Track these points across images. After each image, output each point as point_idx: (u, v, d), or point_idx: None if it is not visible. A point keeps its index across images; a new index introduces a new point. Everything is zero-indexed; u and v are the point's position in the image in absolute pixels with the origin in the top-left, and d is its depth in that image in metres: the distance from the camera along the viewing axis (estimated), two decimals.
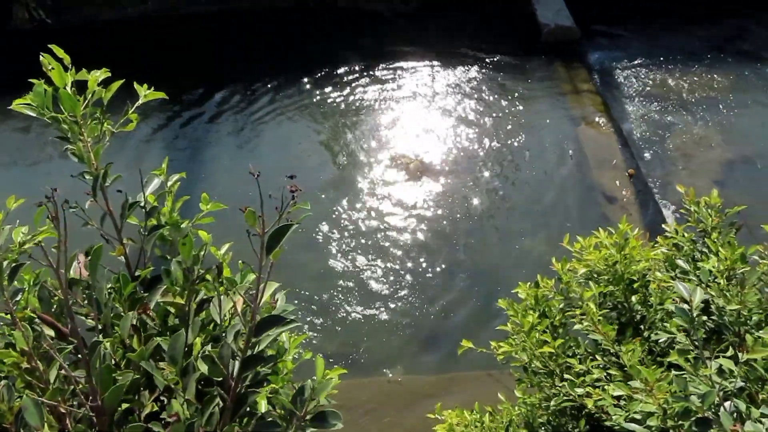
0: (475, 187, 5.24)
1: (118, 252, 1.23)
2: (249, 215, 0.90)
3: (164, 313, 1.16)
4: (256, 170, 0.92)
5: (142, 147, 5.83)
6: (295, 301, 4.42)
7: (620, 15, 7.19)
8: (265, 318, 0.98)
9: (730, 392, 1.48)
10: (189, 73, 6.70)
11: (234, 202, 1.32)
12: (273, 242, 0.94)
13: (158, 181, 1.32)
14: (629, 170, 5.29)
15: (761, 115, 5.75)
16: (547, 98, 6.19)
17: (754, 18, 7.01)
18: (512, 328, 2.27)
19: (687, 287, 1.32)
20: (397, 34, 7.06)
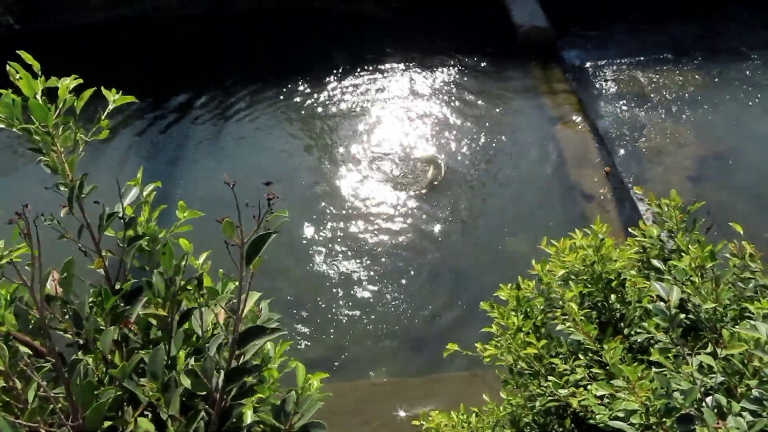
0: (455, 189, 5.26)
1: (97, 264, 1.20)
2: (226, 226, 0.89)
3: (146, 325, 1.14)
4: (232, 179, 0.91)
5: (122, 153, 5.74)
6: (276, 305, 4.38)
7: (595, 15, 7.30)
8: (248, 329, 0.97)
9: (711, 388, 1.51)
10: (165, 77, 6.62)
11: (219, 206, 1.30)
12: (252, 252, 0.93)
13: (136, 191, 1.30)
14: (606, 168, 5.37)
15: (732, 111, 5.89)
16: (524, 98, 6.25)
17: (726, 16, 7.17)
18: (497, 330, 2.28)
19: (664, 287, 1.34)
20: (374, 36, 7.07)
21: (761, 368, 1.24)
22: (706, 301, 1.91)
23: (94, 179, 1.34)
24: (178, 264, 1.11)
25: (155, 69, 6.73)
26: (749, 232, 5.04)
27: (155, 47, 6.99)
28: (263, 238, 0.94)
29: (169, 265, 1.09)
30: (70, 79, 1.23)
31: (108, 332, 1.01)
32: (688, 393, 1.18)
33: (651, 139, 5.67)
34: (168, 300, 1.09)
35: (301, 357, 4.19)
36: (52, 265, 1.30)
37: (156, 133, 5.99)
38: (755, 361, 1.30)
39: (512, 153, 5.57)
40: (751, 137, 5.59)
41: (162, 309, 1.09)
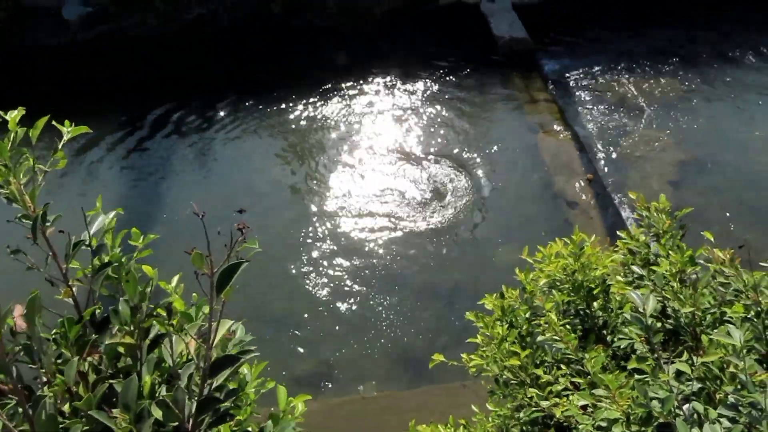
0: (440, 200, 5.28)
1: (65, 294, 1.18)
2: (195, 258, 0.88)
3: (115, 354, 1.12)
4: (201, 210, 0.90)
5: (103, 173, 5.70)
6: (266, 321, 4.35)
7: (573, 25, 7.42)
8: (218, 359, 0.95)
9: (693, 393, 1.52)
10: (139, 93, 6.60)
11: (195, 225, 1.29)
12: (223, 281, 0.92)
13: (102, 218, 1.28)
14: (588, 175, 5.42)
15: (709, 117, 5.98)
16: (506, 108, 6.31)
17: (702, 24, 7.32)
18: (482, 340, 2.28)
19: (640, 295, 1.35)
20: (355, 51, 7.11)
21: (737, 374, 1.25)
22: (684, 305, 1.92)
23: (77, 201, 1.32)
24: (143, 290, 1.09)
25: (137, 86, 6.71)
26: (730, 234, 5.11)
27: (136, 65, 6.98)
28: (234, 268, 0.93)
29: (134, 292, 1.07)
30: (17, 111, 1.21)
31: (72, 363, 0.99)
32: (665, 401, 1.18)
33: (632, 146, 5.73)
34: (135, 327, 1.07)
35: (290, 373, 4.16)
36: (23, 297, 1.28)
37: (137, 150, 5.95)
38: (731, 367, 1.30)
39: (495, 163, 5.61)
40: (728, 142, 5.68)
41: (130, 337, 1.07)
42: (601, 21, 7.44)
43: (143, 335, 1.11)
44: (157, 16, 6.90)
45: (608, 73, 6.71)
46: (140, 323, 1.08)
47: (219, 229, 0.87)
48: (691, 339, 2.00)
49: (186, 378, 0.97)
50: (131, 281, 1.10)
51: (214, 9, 7.06)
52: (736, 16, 7.36)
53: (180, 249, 1.64)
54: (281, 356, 4.17)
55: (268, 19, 7.26)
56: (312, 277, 4.68)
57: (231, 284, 0.92)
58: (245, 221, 0.88)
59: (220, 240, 1.04)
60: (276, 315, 4.43)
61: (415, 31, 7.33)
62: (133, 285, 1.09)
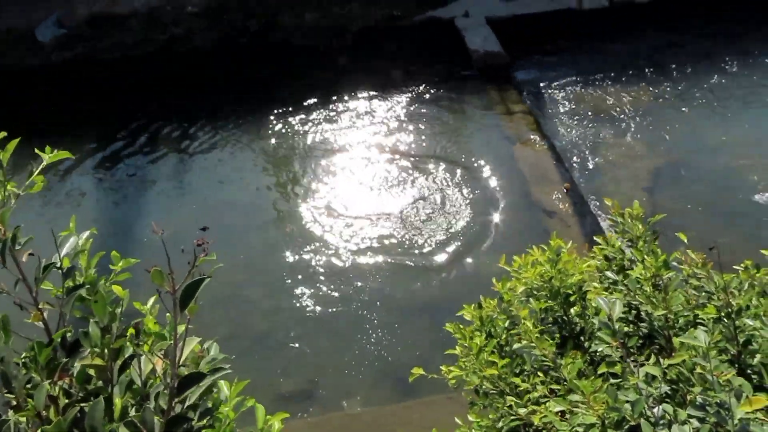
0: (419, 213, 5.31)
1: (35, 318, 1.17)
2: (155, 275, 0.89)
3: (86, 377, 1.11)
4: (160, 228, 0.91)
5: (83, 192, 5.64)
6: (246, 339, 4.31)
7: (545, 38, 7.58)
8: (186, 376, 0.96)
9: (668, 396, 1.55)
10: (112, 114, 6.58)
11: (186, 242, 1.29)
12: (186, 298, 0.92)
13: (74, 239, 1.28)
14: (565, 184, 5.50)
15: (680, 124, 6.13)
16: (482, 121, 6.40)
17: (672, 36, 7.54)
18: (461, 352, 2.29)
19: (606, 301, 1.38)
20: (332, 68, 7.18)
21: (705, 375, 1.28)
22: (656, 308, 1.96)
23: (52, 221, 1.31)
24: (112, 311, 1.09)
25: (111, 107, 6.68)
26: (703, 238, 5.22)
27: (111, 85, 6.95)
28: (197, 284, 0.93)
29: (103, 313, 1.07)
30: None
31: (42, 387, 0.98)
32: (635, 404, 1.21)
33: (607, 154, 5.84)
34: (105, 349, 1.07)
35: (273, 391, 4.12)
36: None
37: (113, 170, 5.91)
38: (698, 368, 1.34)
39: (473, 175, 5.67)
40: (700, 148, 5.82)
41: (100, 359, 1.07)
42: (572, 34, 7.62)
43: (114, 357, 1.10)
44: (132, 37, 6.89)
45: (582, 83, 6.86)
46: (110, 344, 1.08)
47: (182, 247, 0.88)
48: (665, 342, 2.04)
49: (153, 398, 0.96)
50: (100, 302, 1.09)
51: (190, 28, 7.08)
52: (701, 28, 7.60)
53: None
54: (265, 373, 4.13)
55: (246, 37, 7.29)
56: (296, 293, 4.66)
57: (194, 301, 0.93)
58: (205, 237, 0.89)
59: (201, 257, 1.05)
60: (259, 331, 4.40)
61: (391, 47, 7.42)
62: (102, 306, 1.09)
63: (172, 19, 7.11)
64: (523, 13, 7.67)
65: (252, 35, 7.13)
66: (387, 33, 7.52)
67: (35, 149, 1.40)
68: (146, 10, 7.24)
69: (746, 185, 5.34)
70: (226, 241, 5.06)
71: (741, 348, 1.87)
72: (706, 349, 1.26)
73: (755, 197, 5.23)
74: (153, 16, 7.15)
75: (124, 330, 1.10)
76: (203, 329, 4.39)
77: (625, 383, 1.53)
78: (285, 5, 7.41)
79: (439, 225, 5.19)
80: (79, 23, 7.11)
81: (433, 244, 5.01)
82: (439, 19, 7.62)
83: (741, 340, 1.88)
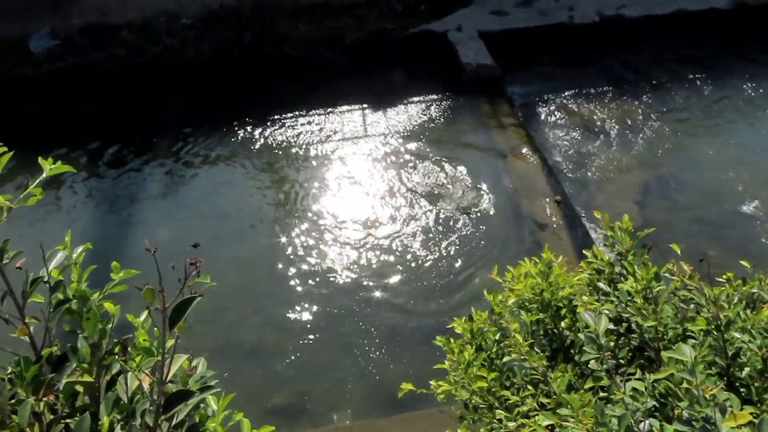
0: (411, 226, 5.32)
1: (20, 332, 1.16)
2: (146, 293, 0.89)
3: (72, 392, 1.10)
4: (153, 246, 0.91)
5: (74, 205, 5.61)
6: (235, 353, 4.28)
7: (537, 51, 7.66)
8: (173, 393, 0.95)
9: (656, 409, 1.55)
10: (107, 125, 6.57)
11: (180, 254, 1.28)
12: (176, 316, 0.92)
13: (62, 254, 1.27)
14: (556, 197, 5.53)
15: (669, 137, 6.20)
16: (475, 134, 6.44)
17: (662, 51, 7.65)
18: (450, 366, 2.29)
19: (592, 315, 1.39)
20: (326, 79, 7.21)
21: (691, 389, 1.29)
22: (646, 320, 1.97)
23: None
24: (103, 327, 1.08)
25: (109, 116, 6.68)
26: (693, 250, 5.25)
27: (103, 97, 6.95)
28: (187, 302, 0.93)
29: (93, 329, 1.06)
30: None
31: (26, 404, 0.97)
32: (621, 419, 1.21)
33: (597, 167, 5.89)
34: (94, 365, 1.06)
35: (262, 405, 4.08)
36: None
37: (105, 182, 5.88)
38: (684, 383, 1.35)
39: (465, 188, 5.69)
40: (688, 161, 5.89)
41: (89, 375, 1.06)
42: (563, 49, 7.71)
43: (103, 373, 1.09)
44: (125, 48, 6.90)
45: (573, 97, 6.93)
46: (100, 360, 1.07)
47: (173, 264, 0.88)
48: (655, 354, 2.05)
49: (139, 415, 0.96)
50: (92, 318, 1.09)
51: (184, 39, 7.10)
52: (682, 39, 7.72)
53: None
54: (254, 387, 4.10)
55: (240, 48, 7.31)
56: (286, 306, 4.64)
57: (185, 319, 0.93)
58: (197, 256, 0.89)
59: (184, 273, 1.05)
60: (249, 345, 4.37)
61: (384, 59, 7.47)
62: (93, 322, 1.08)
63: (165, 30, 7.13)
64: (515, 27, 7.75)
65: (246, 47, 7.16)
66: (380, 46, 7.57)
67: (27, 161, 1.39)
68: (140, 21, 7.26)
69: (733, 197, 5.40)
70: (217, 253, 5.04)
71: (730, 361, 1.89)
72: (692, 364, 1.27)
73: (742, 208, 5.29)
74: (147, 27, 7.17)
75: (113, 345, 1.10)
76: (193, 341, 4.36)
77: (613, 397, 1.53)
78: (279, 17, 7.45)
79: (431, 237, 5.19)
80: (72, 34, 7.11)
81: (424, 257, 5.02)
82: (433, 32, 7.69)
83: (730, 353, 1.89)
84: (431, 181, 5.78)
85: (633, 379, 1.36)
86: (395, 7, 7.78)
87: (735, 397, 1.47)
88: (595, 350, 1.35)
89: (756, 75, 7.13)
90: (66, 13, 7.10)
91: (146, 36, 7.04)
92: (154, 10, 7.31)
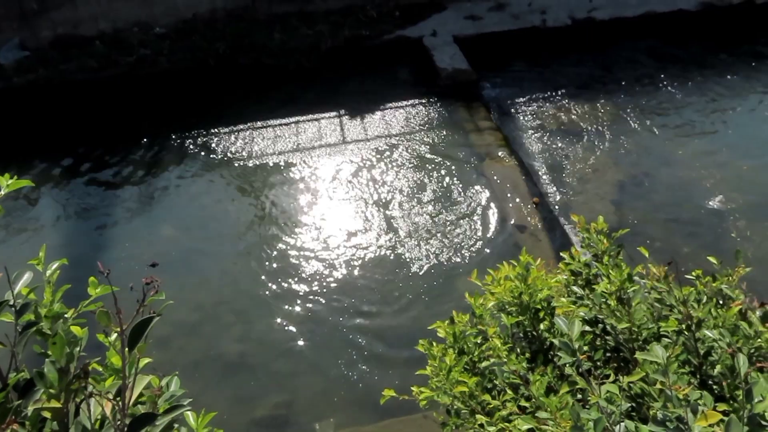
0: (389, 233, 5.32)
1: None
2: (101, 316, 0.87)
3: (39, 419, 1.08)
4: (106, 268, 0.90)
5: (47, 221, 5.49)
6: (218, 366, 4.23)
7: (512, 55, 7.75)
8: (136, 418, 0.93)
9: (623, 413, 1.57)
10: (78, 138, 6.47)
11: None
12: (135, 337, 0.90)
13: (29, 275, 1.24)
14: (534, 199, 5.59)
15: (642, 138, 6.32)
16: (452, 137, 6.48)
17: (632, 53, 7.80)
18: (431, 371, 2.29)
19: (565, 321, 1.40)
20: (303, 87, 7.20)
21: (664, 390, 1.31)
22: (620, 322, 2.00)
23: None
24: (71, 351, 1.06)
25: (81, 129, 6.57)
26: (668, 249, 5.33)
27: (75, 109, 6.84)
28: (146, 323, 0.92)
29: (60, 353, 1.04)
30: None
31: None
32: (597, 422, 1.22)
33: (573, 168, 5.97)
34: (62, 390, 1.04)
35: (247, 417, 4.04)
36: None
37: (77, 197, 5.78)
38: (658, 384, 1.37)
39: (444, 192, 5.72)
40: (661, 160, 6.00)
41: (56, 401, 1.04)
42: (536, 52, 7.82)
43: (71, 398, 1.07)
44: (97, 60, 6.80)
45: (547, 99, 7.02)
46: (68, 385, 1.05)
47: (131, 284, 0.87)
48: (630, 355, 2.08)
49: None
50: (58, 342, 1.06)
51: (158, 50, 7.02)
52: (662, 43, 7.88)
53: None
54: (238, 400, 4.06)
55: (215, 58, 7.26)
56: (267, 318, 4.61)
57: (145, 338, 0.91)
58: (154, 276, 0.88)
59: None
60: (231, 358, 4.32)
61: (360, 66, 7.49)
62: (60, 346, 1.06)
63: (138, 40, 7.05)
64: (490, 31, 7.84)
65: (221, 57, 7.11)
66: (356, 52, 7.59)
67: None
68: (112, 31, 7.17)
69: (704, 195, 5.52)
70: (197, 265, 4.99)
71: (702, 359, 1.92)
72: (664, 365, 1.29)
73: (713, 205, 5.42)
74: (119, 38, 7.08)
75: (82, 369, 1.07)
76: (175, 355, 4.30)
77: (590, 399, 1.55)
78: (254, 26, 7.42)
79: (411, 242, 5.20)
80: (43, 46, 6.99)
81: (404, 261, 5.02)
82: (408, 38, 7.73)
83: (702, 352, 1.93)
84: (409, 186, 5.79)
85: (607, 383, 1.37)
86: (370, 14, 7.80)
87: (708, 395, 1.50)
88: (569, 355, 1.37)
89: (723, 74, 7.31)
90: (35, 25, 6.98)
91: (119, 47, 6.95)
92: (126, 21, 7.23)
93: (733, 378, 1.59)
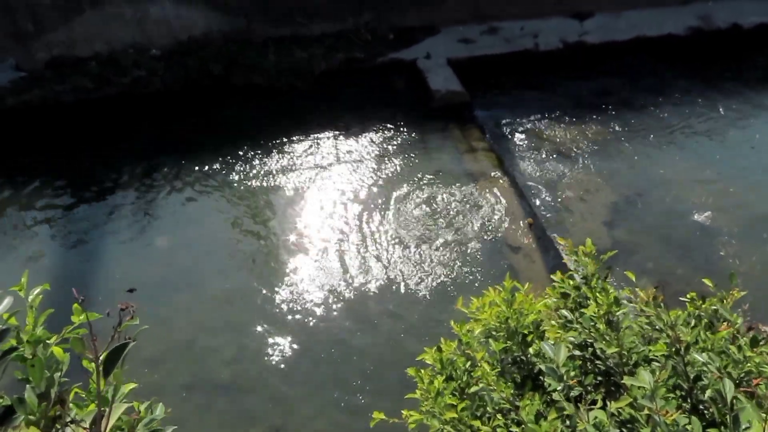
0: (384, 253, 5.32)
1: None
2: (74, 342, 0.86)
3: None
4: (80, 295, 0.89)
5: (39, 244, 5.46)
6: (210, 387, 4.18)
7: (505, 77, 7.85)
8: None
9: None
10: (77, 159, 6.47)
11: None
12: (110, 364, 0.90)
13: (9, 300, 1.23)
14: (528, 219, 5.61)
15: (634, 158, 6.38)
16: (446, 158, 6.52)
17: (623, 76, 7.92)
18: (421, 395, 2.27)
19: (552, 347, 1.40)
20: (297, 108, 7.25)
21: (652, 415, 1.30)
22: (609, 346, 1.99)
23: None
24: (51, 376, 1.05)
25: (76, 150, 6.57)
26: (662, 270, 5.33)
27: (76, 129, 6.86)
28: (120, 349, 0.91)
29: (39, 378, 1.03)
30: None
31: None
32: None
33: (567, 189, 6.01)
34: (42, 416, 1.03)
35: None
36: None
37: (76, 216, 5.76)
38: (645, 410, 1.36)
39: (438, 214, 5.74)
40: (653, 181, 6.05)
41: (36, 427, 1.02)
42: (528, 75, 7.92)
43: (52, 424, 1.06)
44: (92, 80, 6.84)
45: (541, 121, 7.10)
46: (47, 411, 1.04)
47: (108, 310, 0.86)
48: (620, 379, 2.07)
49: None
50: (37, 365, 1.05)
51: (152, 71, 7.08)
52: (652, 66, 8.01)
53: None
54: (230, 423, 4.00)
55: (210, 79, 7.32)
56: (259, 340, 4.57)
57: (120, 364, 0.90)
58: (129, 302, 0.88)
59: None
60: (222, 380, 4.27)
61: (353, 88, 7.56)
62: (39, 371, 1.05)
63: (133, 61, 7.10)
64: (483, 54, 7.95)
65: (215, 78, 7.17)
66: (350, 75, 7.67)
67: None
68: (107, 52, 7.23)
69: (695, 214, 5.56)
70: (189, 286, 4.96)
71: (692, 384, 1.92)
72: (651, 390, 1.29)
73: (702, 223, 5.47)
74: (114, 59, 7.13)
75: (59, 396, 1.06)
76: (165, 376, 4.25)
77: (578, 425, 1.54)
78: (248, 48, 7.50)
79: (404, 263, 5.20)
80: (38, 67, 7.03)
81: (398, 283, 5.01)
82: (402, 60, 7.83)
83: (692, 376, 1.92)
84: (402, 207, 5.81)
85: (596, 408, 1.36)
86: (364, 37, 7.90)
87: (696, 421, 1.49)
88: (556, 381, 1.36)
89: (712, 97, 7.42)
90: (30, 46, 7.03)
91: (114, 68, 7.00)
92: (122, 42, 7.29)
93: (723, 403, 1.58)
